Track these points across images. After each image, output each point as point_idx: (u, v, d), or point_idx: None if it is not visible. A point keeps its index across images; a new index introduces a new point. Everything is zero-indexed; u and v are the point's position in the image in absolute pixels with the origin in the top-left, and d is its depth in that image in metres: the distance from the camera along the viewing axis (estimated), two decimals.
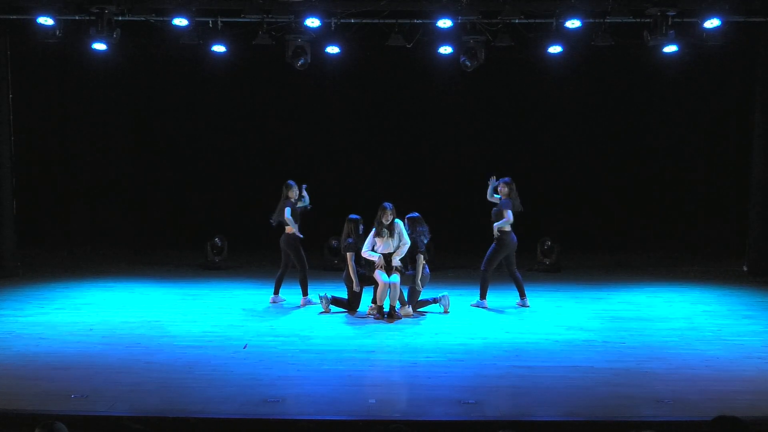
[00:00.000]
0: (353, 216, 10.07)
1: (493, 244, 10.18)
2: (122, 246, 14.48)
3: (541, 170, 14.64)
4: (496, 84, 14.04)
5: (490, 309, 10.23)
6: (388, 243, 9.73)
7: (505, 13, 10.87)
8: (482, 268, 10.27)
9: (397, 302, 9.83)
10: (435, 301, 10.03)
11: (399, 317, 9.72)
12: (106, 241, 14.70)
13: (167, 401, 6.85)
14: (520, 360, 8.10)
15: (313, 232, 10.58)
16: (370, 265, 9.88)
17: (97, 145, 14.78)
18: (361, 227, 10.01)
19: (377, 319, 9.72)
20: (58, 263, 13.19)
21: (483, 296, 10.30)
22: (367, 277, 9.90)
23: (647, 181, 14.67)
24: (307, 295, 10.41)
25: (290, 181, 10.34)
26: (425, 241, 10.00)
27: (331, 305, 10.04)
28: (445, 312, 9.99)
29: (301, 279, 10.39)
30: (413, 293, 9.94)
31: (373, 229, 9.82)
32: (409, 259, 9.91)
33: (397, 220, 9.79)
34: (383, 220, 9.67)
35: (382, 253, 9.73)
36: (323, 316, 9.92)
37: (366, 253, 9.81)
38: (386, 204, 9.76)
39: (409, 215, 10.06)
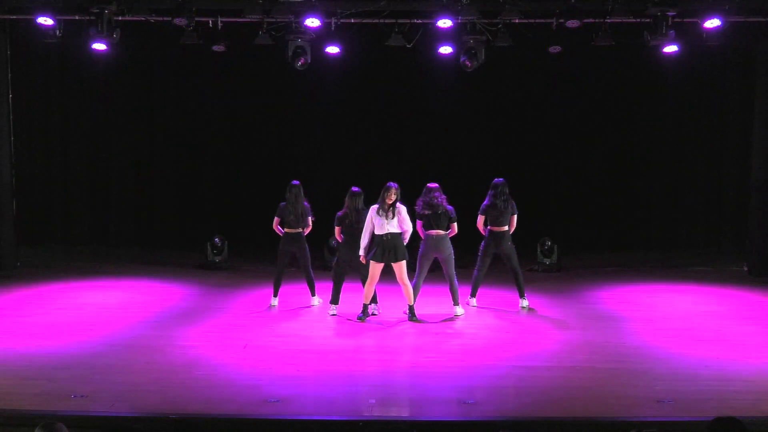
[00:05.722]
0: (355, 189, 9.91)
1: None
2: (122, 246, 14.49)
3: (541, 170, 14.64)
4: (496, 84, 14.03)
5: (478, 307, 10.24)
6: (383, 224, 9.32)
7: (505, 13, 10.85)
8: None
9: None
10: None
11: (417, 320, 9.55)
12: (107, 241, 14.70)
13: (167, 401, 6.85)
14: (520, 360, 8.10)
15: (313, 232, 10.55)
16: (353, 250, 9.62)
17: (96, 145, 14.77)
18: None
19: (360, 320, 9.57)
20: (58, 263, 13.18)
21: (471, 294, 10.37)
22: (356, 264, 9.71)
23: (647, 180, 14.67)
24: (315, 295, 10.44)
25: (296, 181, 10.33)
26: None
27: (335, 308, 9.96)
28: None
29: (311, 279, 10.39)
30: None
31: (373, 207, 9.43)
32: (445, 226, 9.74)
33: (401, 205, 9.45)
34: (387, 201, 9.34)
35: (377, 234, 9.37)
36: (323, 316, 9.90)
37: (364, 238, 9.45)
38: (391, 183, 9.44)
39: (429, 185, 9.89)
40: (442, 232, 9.74)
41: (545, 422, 6.56)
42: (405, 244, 9.47)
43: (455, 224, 9.78)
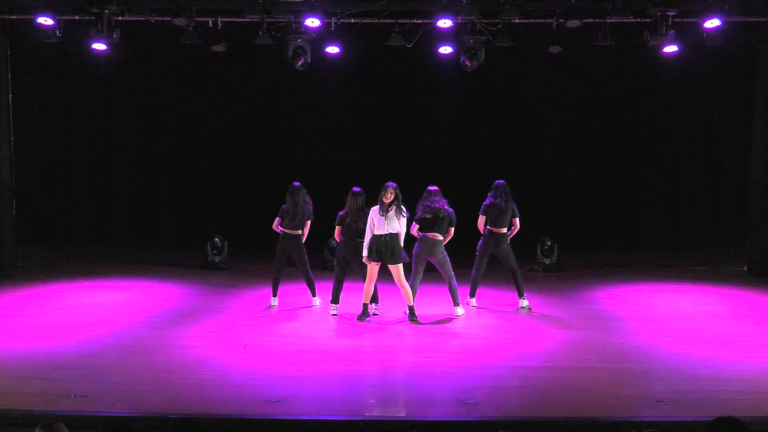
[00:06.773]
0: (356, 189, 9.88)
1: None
2: (122, 246, 14.49)
3: (541, 170, 14.65)
4: (496, 84, 14.03)
5: (478, 307, 10.24)
6: (383, 225, 9.30)
7: (505, 13, 10.87)
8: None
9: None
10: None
11: (417, 320, 9.52)
12: (107, 241, 14.69)
13: (167, 401, 6.85)
14: (520, 360, 8.10)
15: (313, 232, 10.53)
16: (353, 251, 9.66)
17: (96, 145, 14.77)
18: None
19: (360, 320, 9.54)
20: (58, 263, 13.18)
21: (470, 294, 10.35)
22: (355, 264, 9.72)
23: (647, 180, 14.67)
24: (315, 296, 10.42)
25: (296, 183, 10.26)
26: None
27: (336, 308, 9.94)
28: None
29: (310, 280, 10.37)
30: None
31: (374, 208, 9.42)
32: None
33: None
34: (384, 200, 9.35)
35: (376, 234, 9.34)
36: (323, 316, 9.90)
37: (366, 239, 9.42)
38: (389, 183, 9.42)
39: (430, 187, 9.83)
40: (439, 236, 9.69)
41: (545, 422, 6.56)
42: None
43: (452, 229, 9.74)
